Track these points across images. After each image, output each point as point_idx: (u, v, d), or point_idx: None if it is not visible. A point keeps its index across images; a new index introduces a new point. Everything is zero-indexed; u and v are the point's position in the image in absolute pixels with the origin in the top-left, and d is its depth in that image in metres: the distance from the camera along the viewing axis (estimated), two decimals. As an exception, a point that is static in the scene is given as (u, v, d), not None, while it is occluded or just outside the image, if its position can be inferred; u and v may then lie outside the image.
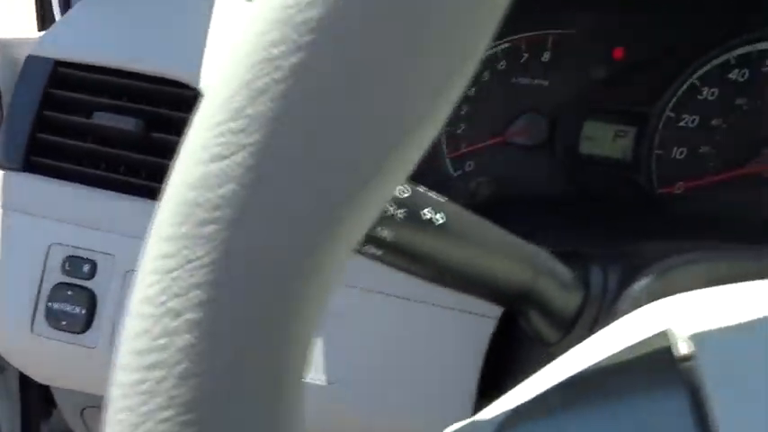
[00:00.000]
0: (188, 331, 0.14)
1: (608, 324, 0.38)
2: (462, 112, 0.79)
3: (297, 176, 0.14)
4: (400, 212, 0.37)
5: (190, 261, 0.14)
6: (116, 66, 0.62)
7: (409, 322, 0.57)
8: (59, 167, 0.62)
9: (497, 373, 0.56)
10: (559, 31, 0.76)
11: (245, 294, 0.14)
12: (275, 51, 0.14)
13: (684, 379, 0.18)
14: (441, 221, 0.39)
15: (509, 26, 0.77)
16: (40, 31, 0.88)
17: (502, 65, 0.77)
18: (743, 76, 0.73)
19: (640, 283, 0.40)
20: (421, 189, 0.40)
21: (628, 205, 0.75)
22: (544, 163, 0.77)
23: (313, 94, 0.14)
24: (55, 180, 0.62)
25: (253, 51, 0.14)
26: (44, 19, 0.89)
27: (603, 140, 0.76)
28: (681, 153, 0.75)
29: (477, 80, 0.78)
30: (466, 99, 0.78)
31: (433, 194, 0.40)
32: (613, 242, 0.67)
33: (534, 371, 0.26)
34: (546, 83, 0.77)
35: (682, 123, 0.75)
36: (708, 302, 0.35)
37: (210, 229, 0.14)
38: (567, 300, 0.42)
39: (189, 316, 0.14)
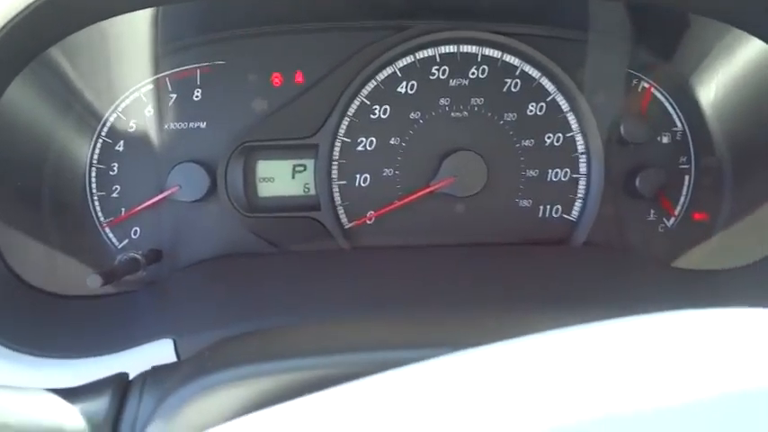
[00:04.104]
0: None
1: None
2: (114, 172, 0.66)
3: None
4: None
5: None
6: None
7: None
8: None
9: None
10: (207, 63, 0.66)
11: None
12: None
13: None
14: None
15: (150, 64, 0.65)
16: None
17: (149, 110, 0.65)
18: (412, 89, 0.68)
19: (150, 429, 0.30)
20: None
21: (317, 250, 0.67)
22: (217, 217, 0.66)
23: None
24: None
25: None
26: None
27: (283, 179, 0.67)
28: (365, 180, 0.68)
29: (123, 133, 0.65)
30: (116, 155, 0.65)
31: None
32: (310, 300, 0.57)
33: None
34: (203, 124, 0.66)
35: (360, 148, 0.67)
36: None
37: None
38: None
39: None
